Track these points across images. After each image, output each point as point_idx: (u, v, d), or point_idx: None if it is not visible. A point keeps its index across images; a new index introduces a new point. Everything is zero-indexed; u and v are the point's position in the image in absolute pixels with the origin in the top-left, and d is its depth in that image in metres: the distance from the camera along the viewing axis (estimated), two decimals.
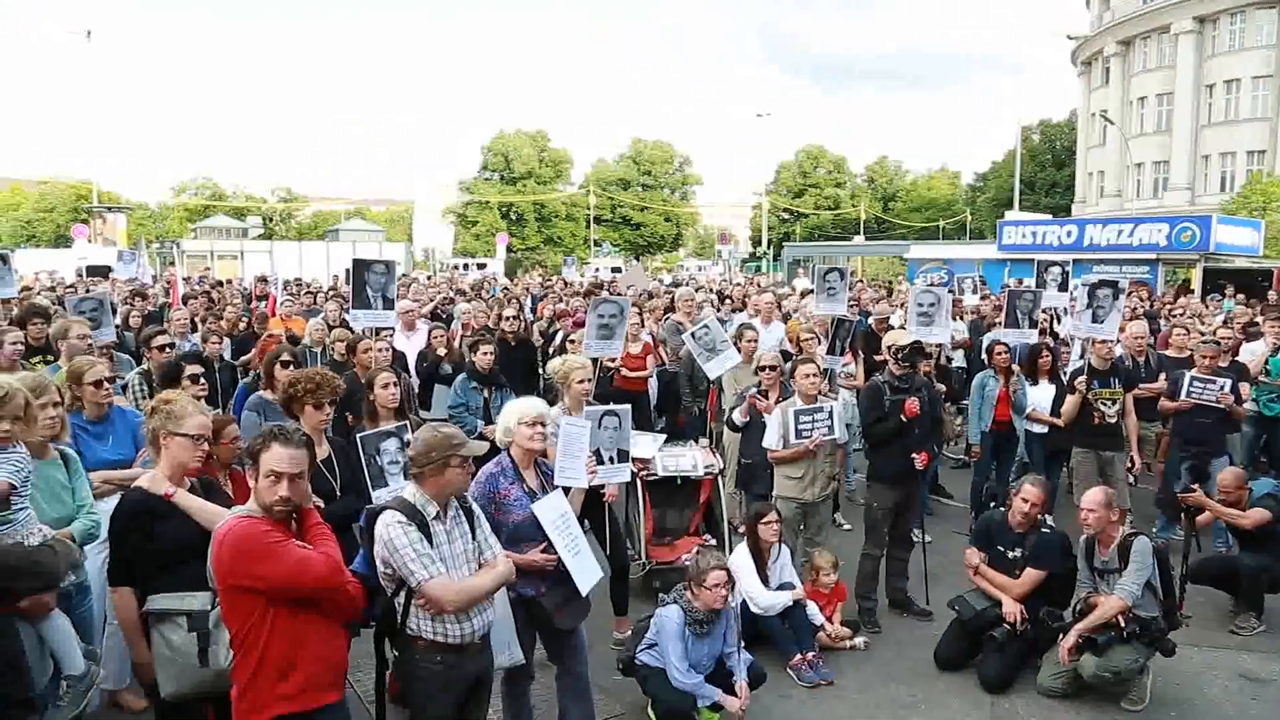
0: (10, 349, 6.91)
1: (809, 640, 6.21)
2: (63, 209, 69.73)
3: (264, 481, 3.35)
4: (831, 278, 10.15)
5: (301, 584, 3.28)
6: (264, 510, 3.39)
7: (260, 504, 3.38)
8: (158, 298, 16.05)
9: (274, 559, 3.23)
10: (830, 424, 6.77)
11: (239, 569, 3.25)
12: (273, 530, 3.30)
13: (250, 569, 3.23)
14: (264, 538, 3.25)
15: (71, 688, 3.96)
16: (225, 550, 3.25)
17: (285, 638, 3.30)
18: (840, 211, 75.65)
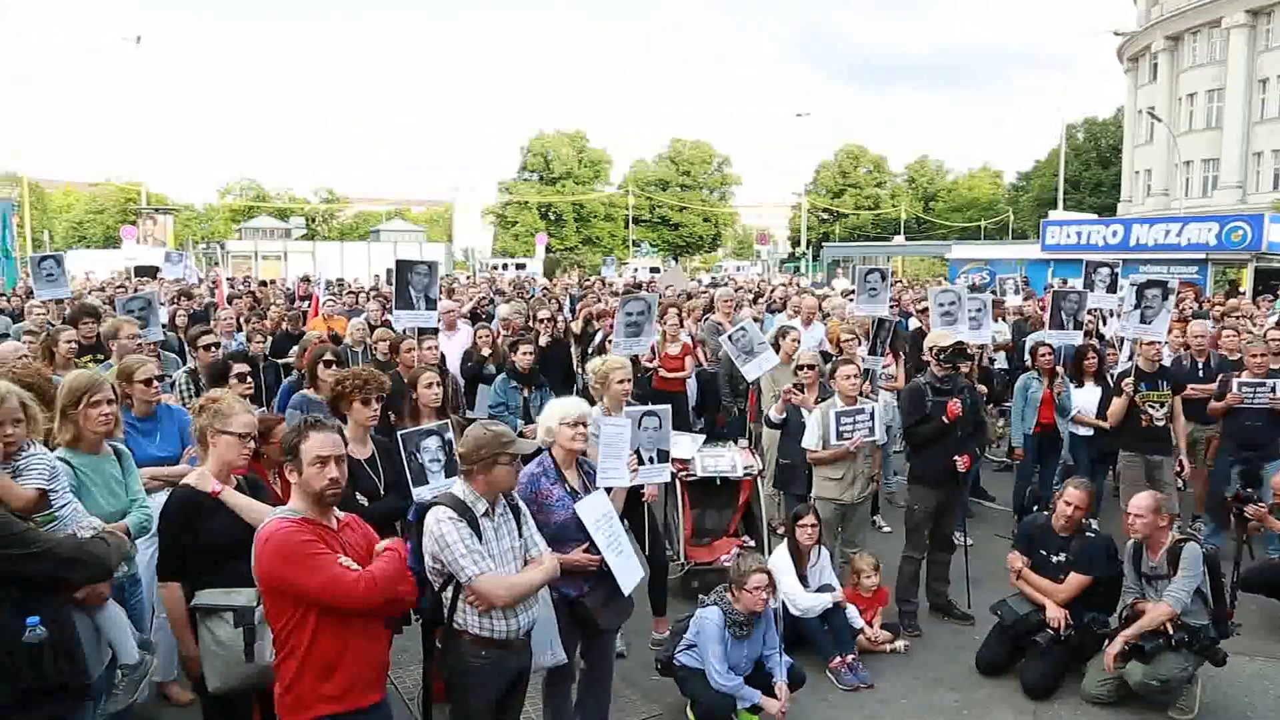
0: (65, 348, 7.09)
1: (849, 643, 6.18)
2: (112, 211, 71.31)
3: (311, 469, 3.37)
4: (872, 278, 10.05)
5: (333, 600, 3.25)
6: (316, 498, 3.40)
7: (311, 492, 3.39)
8: (203, 298, 16.33)
9: (310, 570, 3.21)
10: (870, 425, 6.73)
11: (277, 573, 3.26)
12: (314, 540, 3.28)
13: (286, 574, 3.24)
14: (304, 547, 3.25)
15: (127, 676, 4.06)
16: (266, 553, 3.27)
17: (328, 639, 3.31)
18: (880, 211, 75.08)
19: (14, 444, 3.75)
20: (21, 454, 3.78)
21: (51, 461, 3.90)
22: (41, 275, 11.00)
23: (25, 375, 4.87)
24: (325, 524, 3.44)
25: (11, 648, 3.19)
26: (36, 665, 3.25)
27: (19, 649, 3.20)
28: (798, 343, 8.51)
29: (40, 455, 3.84)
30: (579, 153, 73.69)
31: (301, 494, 3.43)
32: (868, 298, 9.92)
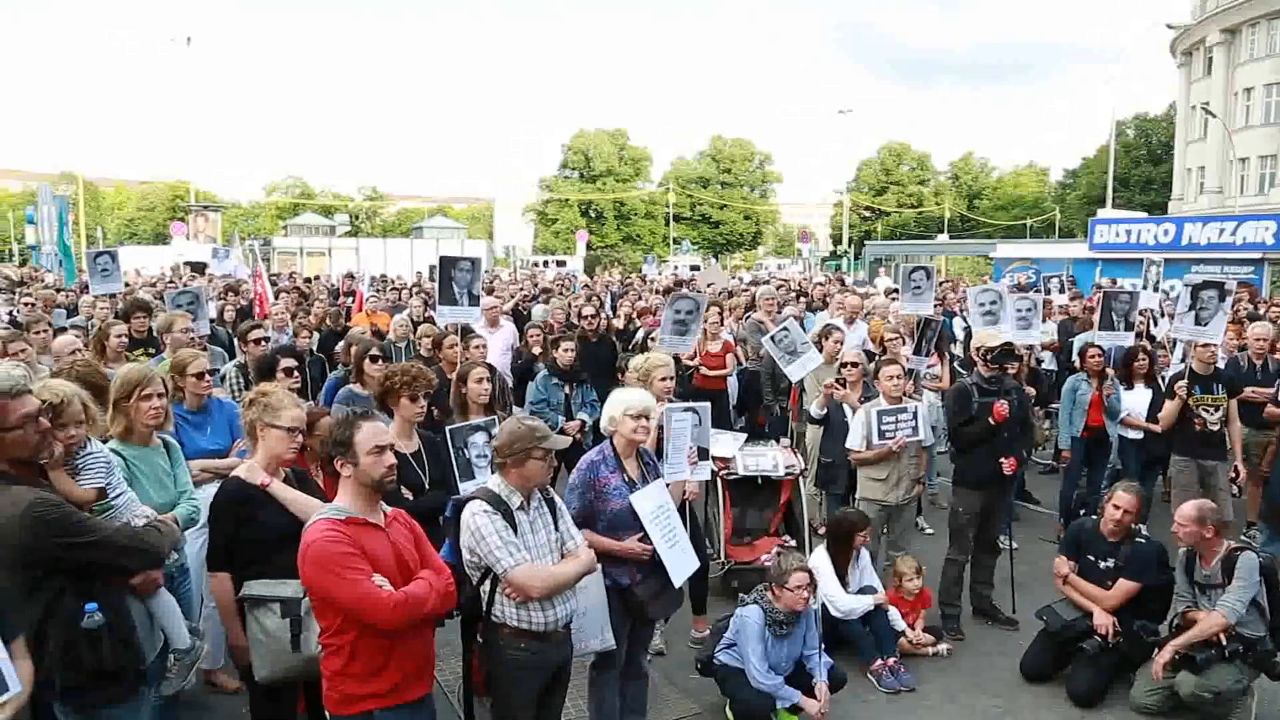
0: (116, 342, 7.24)
1: (890, 645, 6.13)
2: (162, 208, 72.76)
3: (369, 459, 3.41)
4: (917, 276, 9.97)
5: (362, 615, 3.27)
6: (374, 486, 3.45)
7: (369, 481, 3.43)
8: (249, 293, 16.58)
9: (345, 584, 3.23)
10: (914, 425, 6.66)
11: (315, 580, 3.30)
12: (353, 553, 3.28)
13: (323, 583, 3.28)
14: (343, 559, 3.25)
15: (179, 660, 4.15)
16: (308, 558, 3.30)
17: (376, 638, 3.34)
18: (923, 209, 74.26)
19: (75, 444, 3.83)
20: (80, 453, 3.87)
21: (108, 457, 3.98)
22: (96, 270, 11.29)
23: (82, 370, 4.98)
24: (373, 521, 3.45)
25: (71, 633, 3.26)
26: (95, 650, 3.32)
27: (78, 634, 3.28)
28: (840, 343, 8.45)
29: (98, 453, 3.93)
30: (620, 150, 73.72)
31: (355, 485, 3.45)
32: (912, 296, 9.83)
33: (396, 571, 3.39)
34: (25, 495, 3.20)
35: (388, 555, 3.40)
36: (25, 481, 3.29)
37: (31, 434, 3.29)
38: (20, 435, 3.26)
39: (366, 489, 3.45)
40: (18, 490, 3.20)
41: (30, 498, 3.19)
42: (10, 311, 12.25)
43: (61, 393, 3.81)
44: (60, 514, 3.25)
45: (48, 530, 3.18)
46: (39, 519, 3.16)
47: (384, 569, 3.33)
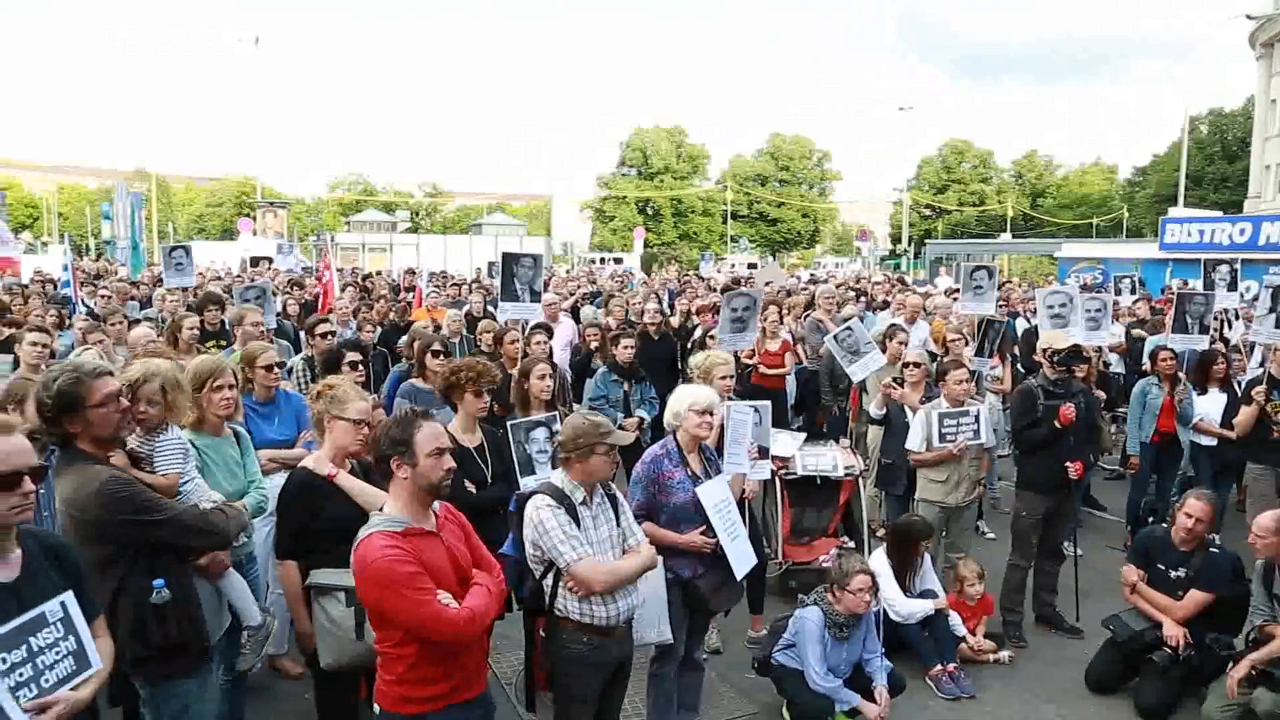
0: (188, 334, 7.44)
1: (950, 651, 6.04)
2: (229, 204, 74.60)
3: (429, 461, 3.27)
4: (979, 276, 9.82)
5: (430, 634, 3.18)
6: (431, 490, 3.31)
7: (427, 484, 3.29)
8: (313, 288, 16.91)
9: (412, 606, 3.11)
10: (976, 427, 6.56)
11: (378, 599, 3.18)
12: (418, 572, 3.14)
13: (388, 604, 3.15)
14: (409, 580, 3.11)
15: (251, 637, 4.27)
16: (368, 578, 3.16)
17: (434, 652, 3.25)
18: (985, 208, 72.97)
19: (147, 422, 3.95)
20: (159, 436, 3.98)
21: (185, 444, 4.09)
22: (171, 264, 11.68)
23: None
24: (426, 528, 3.33)
25: (141, 608, 3.39)
26: (162, 624, 3.44)
27: (147, 609, 3.39)
28: (905, 344, 8.34)
29: (175, 440, 4.04)
30: (678, 147, 73.64)
31: (411, 488, 3.30)
32: (973, 296, 9.70)
33: (454, 577, 3.29)
34: (101, 473, 3.34)
35: (445, 563, 3.29)
36: (103, 462, 3.43)
37: (113, 412, 3.44)
38: (103, 413, 3.41)
39: (422, 492, 3.31)
40: (95, 468, 3.35)
41: (105, 475, 3.34)
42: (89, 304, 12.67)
43: (146, 371, 4.00)
44: (131, 492, 3.37)
45: (119, 507, 3.31)
46: (112, 495, 3.30)
47: (442, 578, 3.22)
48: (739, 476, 5.32)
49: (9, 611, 2.62)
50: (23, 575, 2.75)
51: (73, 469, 3.36)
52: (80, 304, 12.96)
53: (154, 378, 4.01)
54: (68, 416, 3.35)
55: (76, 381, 3.37)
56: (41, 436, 3.00)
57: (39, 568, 2.81)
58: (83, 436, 3.41)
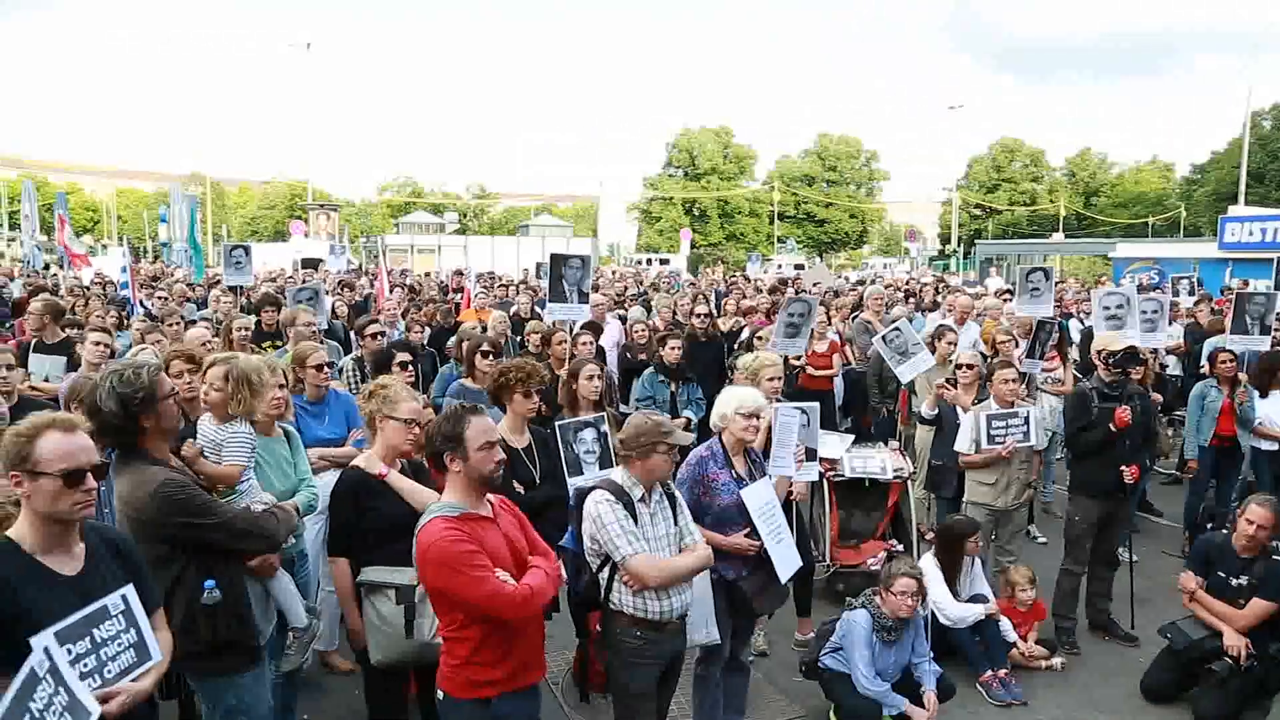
0: (239, 335, 7.59)
1: (1001, 657, 5.95)
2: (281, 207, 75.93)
3: (479, 454, 3.41)
4: (1035, 277, 9.67)
5: (492, 610, 3.31)
6: (483, 481, 3.46)
7: (479, 476, 3.44)
8: (363, 289, 17.14)
9: (472, 584, 3.25)
10: (1026, 429, 6.45)
11: (440, 580, 3.32)
12: (476, 551, 3.30)
13: (450, 584, 3.29)
14: (468, 558, 3.26)
15: (298, 638, 4.34)
16: (429, 559, 3.30)
17: (497, 633, 3.38)
18: (1037, 207, 71.78)
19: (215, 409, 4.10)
20: (227, 428, 4.07)
21: (252, 442, 4.16)
22: (231, 263, 11.98)
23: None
24: (482, 514, 3.48)
25: (192, 606, 3.45)
26: (211, 623, 3.50)
27: (198, 608, 3.46)
28: (954, 345, 8.24)
29: (244, 434, 4.12)
30: (724, 148, 73.45)
31: (464, 480, 3.45)
32: (1029, 297, 9.55)
33: (511, 561, 3.44)
34: (159, 475, 3.42)
35: (502, 547, 3.45)
36: (162, 463, 3.51)
37: (174, 405, 3.57)
38: (169, 405, 3.52)
39: (476, 484, 3.46)
40: (154, 470, 3.43)
41: (162, 477, 3.41)
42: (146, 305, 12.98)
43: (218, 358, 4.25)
44: (187, 495, 3.44)
45: (174, 509, 3.39)
46: (167, 498, 3.37)
47: (500, 561, 3.37)
48: (785, 478, 5.30)
49: (73, 604, 2.70)
50: (86, 568, 2.83)
51: (131, 469, 3.43)
52: (138, 305, 13.28)
53: (222, 364, 4.13)
54: (144, 412, 3.42)
55: (154, 378, 3.48)
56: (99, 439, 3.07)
57: (101, 561, 2.89)
58: (150, 433, 3.48)
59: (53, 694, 2.22)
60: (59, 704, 2.24)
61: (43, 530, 2.77)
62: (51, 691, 2.22)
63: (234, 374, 4.11)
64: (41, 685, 2.19)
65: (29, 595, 2.66)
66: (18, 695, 2.10)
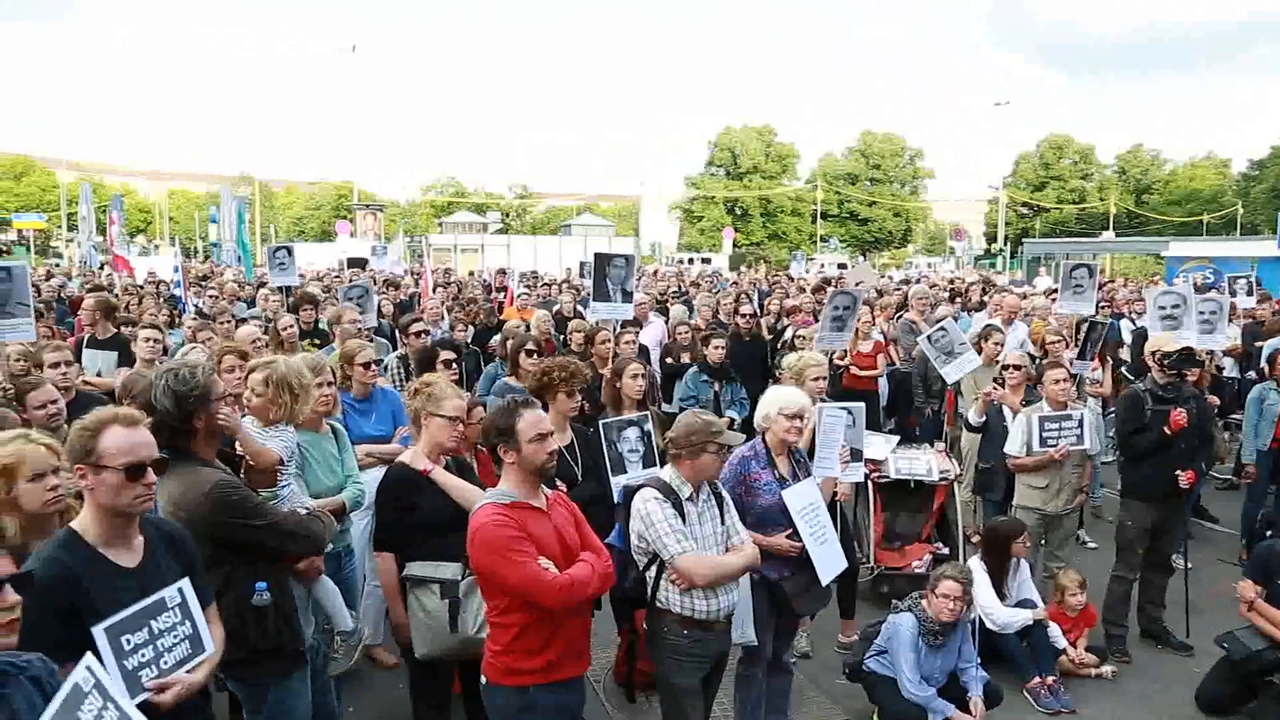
0: (286, 333, 7.71)
1: (1049, 663, 5.85)
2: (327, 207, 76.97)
3: (531, 446, 3.49)
4: (1079, 275, 9.51)
5: (529, 596, 3.38)
6: (536, 472, 3.54)
7: (532, 467, 3.52)
8: (408, 288, 17.33)
9: (512, 568, 3.34)
10: (1079, 432, 6.33)
11: (484, 562, 3.41)
12: (520, 536, 3.38)
13: (491, 566, 3.38)
14: (510, 543, 3.35)
15: (344, 642, 4.37)
16: (476, 542, 3.41)
17: (540, 620, 3.44)
18: (1086, 205, 70.48)
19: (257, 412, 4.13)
20: (271, 430, 4.13)
21: (293, 445, 4.22)
22: (275, 264, 12.17)
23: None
24: (536, 505, 3.55)
25: (240, 608, 3.49)
26: (261, 626, 3.54)
27: (247, 610, 3.50)
28: (1001, 345, 8.12)
29: (285, 435, 4.17)
30: (767, 147, 73.12)
31: (518, 472, 3.54)
32: (1072, 295, 9.41)
33: (560, 553, 3.48)
34: (212, 476, 3.49)
35: (551, 538, 3.50)
36: (212, 464, 3.58)
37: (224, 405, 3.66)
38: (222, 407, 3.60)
39: (529, 474, 3.54)
40: (208, 472, 3.50)
41: (216, 479, 3.48)
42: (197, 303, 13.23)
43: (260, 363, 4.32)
44: (240, 496, 3.51)
45: (228, 510, 3.45)
46: (221, 498, 3.43)
47: (548, 551, 3.42)
48: (830, 479, 5.25)
49: (133, 595, 2.77)
50: (145, 561, 2.89)
51: (182, 471, 3.45)
52: (189, 304, 13.54)
53: (263, 370, 4.18)
54: (198, 411, 3.49)
55: (209, 378, 3.55)
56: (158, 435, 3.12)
57: (159, 555, 2.95)
58: (201, 434, 3.55)
59: (101, 708, 2.26)
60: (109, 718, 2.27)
61: (105, 523, 2.83)
62: (100, 705, 2.26)
63: (274, 379, 4.17)
64: (89, 699, 2.23)
65: (92, 585, 2.72)
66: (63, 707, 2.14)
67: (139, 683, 2.70)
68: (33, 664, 2.32)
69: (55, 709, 2.11)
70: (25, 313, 6.52)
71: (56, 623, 2.59)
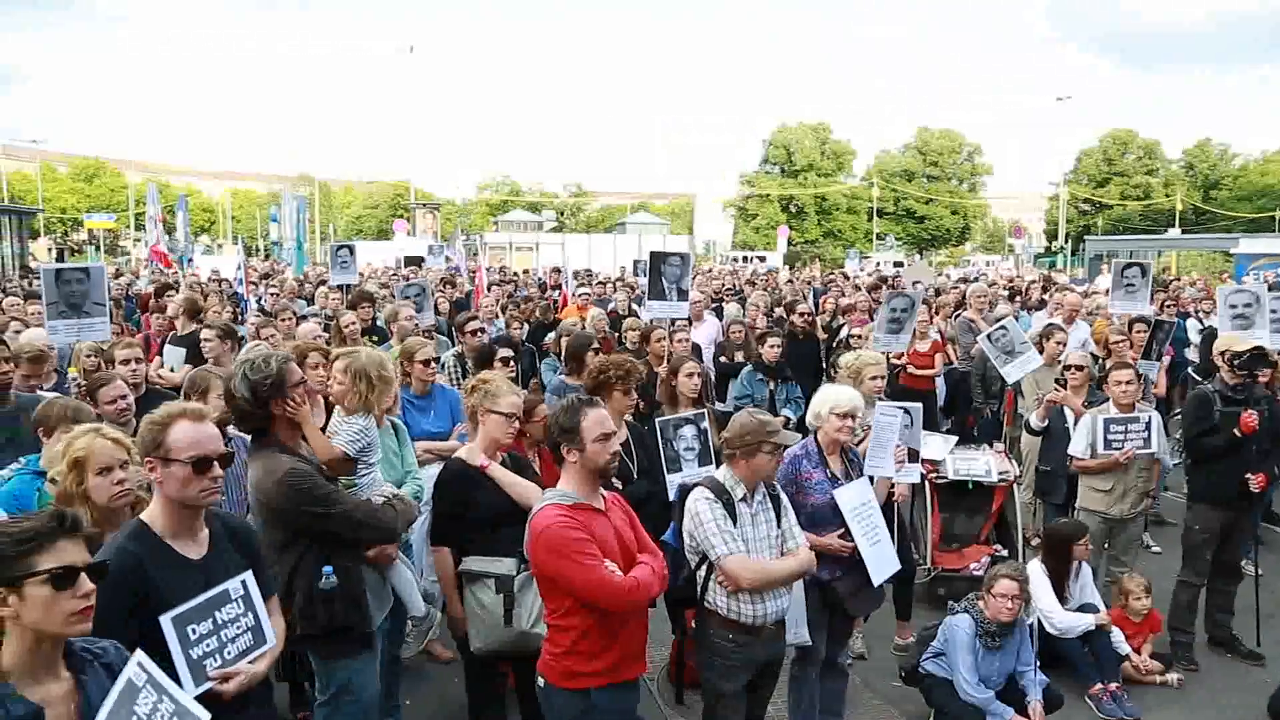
0: (349, 330, 7.85)
1: (1113, 669, 5.73)
2: (385, 206, 78.19)
3: (595, 446, 3.47)
4: (1131, 273, 9.35)
5: (597, 599, 3.37)
6: (598, 473, 3.53)
7: (594, 468, 3.51)
8: (464, 285, 17.50)
9: (580, 570, 3.32)
10: (1147, 435, 6.18)
11: (549, 565, 3.39)
12: (586, 539, 3.36)
13: (558, 568, 3.36)
14: (577, 544, 3.33)
15: (416, 627, 4.45)
16: (540, 544, 3.39)
17: (603, 622, 3.44)
18: (1151, 201, 68.63)
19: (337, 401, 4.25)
20: (344, 422, 4.21)
21: (366, 435, 4.26)
22: (336, 262, 12.41)
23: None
24: (595, 506, 3.55)
25: (311, 592, 3.59)
26: (329, 608, 3.64)
27: (317, 593, 3.59)
28: (1063, 344, 7.96)
29: (356, 424, 4.23)
30: (822, 144, 72.48)
31: (579, 471, 3.52)
32: (1124, 294, 9.24)
33: (619, 554, 3.48)
34: (286, 463, 3.57)
35: (611, 539, 3.49)
36: (290, 451, 3.66)
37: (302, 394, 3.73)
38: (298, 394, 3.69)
39: (590, 475, 3.53)
40: (282, 458, 3.59)
41: (289, 465, 3.56)
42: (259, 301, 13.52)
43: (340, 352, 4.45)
44: (311, 484, 3.58)
45: (298, 497, 3.53)
46: (292, 486, 3.52)
47: (609, 552, 3.42)
48: (886, 479, 5.20)
49: (199, 586, 2.84)
50: (210, 553, 2.97)
51: (262, 456, 3.62)
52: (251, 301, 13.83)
53: (344, 359, 4.29)
54: (275, 399, 3.59)
55: (283, 366, 3.63)
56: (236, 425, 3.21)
57: (223, 547, 3.02)
58: (280, 421, 3.65)
59: (157, 701, 2.32)
60: (165, 710, 2.34)
61: (173, 515, 2.91)
62: (155, 699, 2.32)
63: (353, 369, 4.25)
64: (143, 694, 2.29)
65: (159, 575, 2.80)
66: (117, 703, 2.21)
67: (204, 672, 2.77)
68: (107, 651, 2.40)
69: (110, 706, 2.18)
70: (101, 312, 6.74)
71: (125, 612, 2.67)
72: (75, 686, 2.27)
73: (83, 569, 2.25)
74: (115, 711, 2.17)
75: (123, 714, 2.19)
